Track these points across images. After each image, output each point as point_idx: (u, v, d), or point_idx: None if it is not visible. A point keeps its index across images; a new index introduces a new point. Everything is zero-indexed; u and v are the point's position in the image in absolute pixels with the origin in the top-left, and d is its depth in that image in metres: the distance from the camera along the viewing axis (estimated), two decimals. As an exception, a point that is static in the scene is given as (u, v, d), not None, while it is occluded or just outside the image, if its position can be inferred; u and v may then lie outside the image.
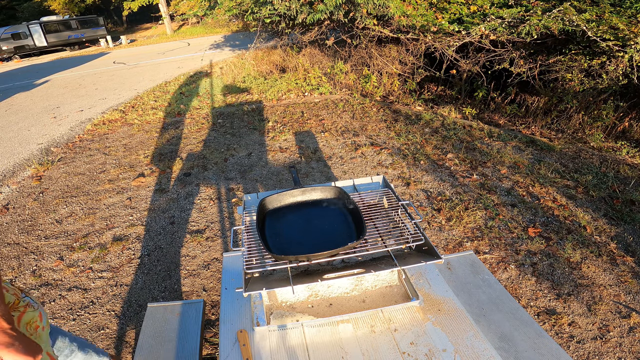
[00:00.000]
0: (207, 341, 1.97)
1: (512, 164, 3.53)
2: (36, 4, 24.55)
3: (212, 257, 2.64)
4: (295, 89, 6.32)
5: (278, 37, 7.46)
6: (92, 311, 2.29)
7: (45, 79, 10.82)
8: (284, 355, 0.80)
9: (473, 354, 0.78)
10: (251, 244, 0.93)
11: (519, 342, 0.83)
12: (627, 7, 3.37)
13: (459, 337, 0.82)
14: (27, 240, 3.05)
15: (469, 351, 0.79)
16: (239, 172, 3.83)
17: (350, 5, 5.11)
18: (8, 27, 18.46)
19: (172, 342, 1.14)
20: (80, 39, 21.04)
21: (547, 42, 4.24)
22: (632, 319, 1.97)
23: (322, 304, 0.94)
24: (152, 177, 3.88)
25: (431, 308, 0.91)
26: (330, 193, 1.09)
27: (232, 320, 0.91)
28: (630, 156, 3.59)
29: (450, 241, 2.61)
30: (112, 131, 5.46)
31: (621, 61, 3.37)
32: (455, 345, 0.80)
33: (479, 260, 1.14)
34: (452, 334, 0.83)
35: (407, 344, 0.81)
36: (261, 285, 0.85)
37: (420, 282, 1.00)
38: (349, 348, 0.81)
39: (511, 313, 0.91)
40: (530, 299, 2.13)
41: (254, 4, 5.42)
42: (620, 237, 2.54)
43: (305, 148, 4.22)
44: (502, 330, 0.85)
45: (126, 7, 20.49)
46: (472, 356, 0.78)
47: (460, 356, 0.78)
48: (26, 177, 4.21)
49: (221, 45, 13.30)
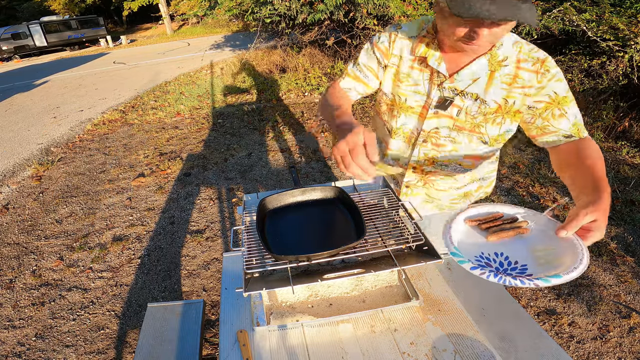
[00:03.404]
0: (207, 341, 1.97)
1: (512, 164, 3.53)
2: (36, 4, 24.56)
3: (212, 257, 2.65)
4: (295, 89, 6.32)
5: (278, 37, 7.47)
6: (92, 311, 2.29)
7: (45, 79, 10.82)
8: (284, 355, 0.80)
9: (473, 354, 0.78)
10: (251, 244, 0.93)
11: (519, 342, 0.83)
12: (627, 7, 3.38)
13: (459, 337, 0.82)
14: (27, 240, 3.05)
15: (469, 351, 0.79)
16: (239, 172, 3.83)
17: (350, 5, 5.11)
18: (8, 27, 18.47)
19: (172, 342, 1.14)
20: (80, 39, 21.05)
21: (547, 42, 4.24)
22: (632, 319, 1.97)
23: (322, 304, 0.94)
24: (152, 177, 3.88)
25: (431, 308, 0.91)
26: (330, 193, 1.09)
27: (232, 320, 0.91)
28: (630, 156, 3.59)
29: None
30: (112, 131, 5.46)
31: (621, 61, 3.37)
32: (455, 345, 0.80)
33: (479, 260, 1.14)
34: (452, 334, 0.83)
35: (407, 344, 0.81)
36: (261, 285, 0.85)
37: (420, 282, 1.00)
38: (349, 348, 0.81)
39: (511, 313, 0.91)
40: (530, 299, 2.13)
41: (254, 4, 5.42)
42: (620, 237, 2.54)
43: (305, 148, 4.22)
44: (502, 330, 0.85)
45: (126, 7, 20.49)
46: (472, 356, 0.78)
47: (460, 356, 0.78)
48: (26, 177, 4.21)
49: (221, 45, 13.31)
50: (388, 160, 1.31)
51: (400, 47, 1.09)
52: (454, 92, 1.04)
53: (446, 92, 1.05)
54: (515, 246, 0.83)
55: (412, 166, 1.23)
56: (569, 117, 0.96)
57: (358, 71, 1.14)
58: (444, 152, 1.15)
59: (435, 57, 1.02)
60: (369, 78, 1.13)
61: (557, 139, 0.98)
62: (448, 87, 1.04)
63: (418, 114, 1.12)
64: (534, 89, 0.97)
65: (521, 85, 0.98)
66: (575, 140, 0.97)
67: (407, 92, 1.11)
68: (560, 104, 0.95)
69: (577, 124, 0.97)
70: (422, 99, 1.10)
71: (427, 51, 1.03)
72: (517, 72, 0.97)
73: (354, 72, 1.14)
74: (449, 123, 1.09)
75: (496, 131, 1.07)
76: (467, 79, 1.01)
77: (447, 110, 1.07)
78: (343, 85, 1.15)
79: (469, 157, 1.16)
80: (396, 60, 1.11)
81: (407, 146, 1.20)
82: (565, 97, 0.96)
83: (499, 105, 1.02)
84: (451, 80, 1.03)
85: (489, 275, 0.73)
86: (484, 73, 1.00)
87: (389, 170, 1.33)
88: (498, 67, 0.98)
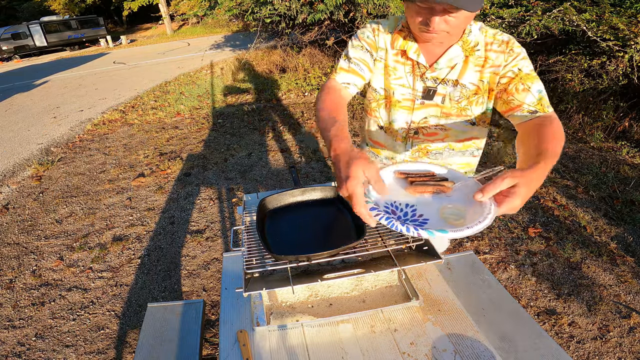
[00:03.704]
0: (207, 341, 1.97)
1: (512, 164, 3.53)
2: (36, 4, 24.55)
3: (212, 257, 2.65)
4: (295, 89, 6.32)
5: (278, 37, 7.46)
6: (92, 311, 2.29)
7: (45, 79, 10.82)
8: (284, 355, 0.80)
9: (473, 354, 0.78)
10: (251, 244, 0.93)
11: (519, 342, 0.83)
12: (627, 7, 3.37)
13: (459, 337, 0.82)
14: (27, 240, 3.05)
15: (469, 351, 0.79)
16: (239, 172, 3.83)
17: (350, 5, 5.11)
18: (8, 27, 18.48)
19: (172, 342, 1.14)
20: (80, 39, 21.05)
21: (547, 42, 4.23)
22: (632, 319, 1.97)
23: (322, 304, 0.94)
24: (152, 177, 3.88)
25: (431, 308, 0.91)
26: (330, 193, 1.10)
27: (232, 320, 0.91)
28: (630, 156, 3.59)
29: (450, 241, 2.61)
30: (112, 131, 5.46)
31: (621, 61, 3.37)
32: (455, 345, 0.80)
33: (479, 260, 1.14)
34: (452, 334, 0.83)
35: (407, 344, 0.81)
36: (261, 285, 0.85)
37: (420, 282, 1.00)
38: (349, 348, 0.81)
39: (511, 313, 0.91)
40: (530, 299, 2.13)
41: (254, 4, 5.42)
42: (620, 237, 2.54)
43: (305, 148, 4.22)
44: (502, 330, 0.85)
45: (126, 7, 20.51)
46: (472, 356, 0.78)
47: (460, 356, 0.78)
48: (26, 177, 4.21)
49: (221, 46, 13.31)
50: (383, 160, 1.33)
51: (384, 40, 1.13)
52: (436, 81, 1.10)
53: (429, 82, 1.10)
54: (429, 202, 0.84)
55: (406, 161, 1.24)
56: (532, 92, 0.98)
57: (354, 65, 1.13)
58: (437, 141, 1.20)
59: (414, 49, 1.08)
60: (364, 71, 1.14)
61: (523, 114, 1.00)
62: (430, 77, 1.10)
63: (406, 107, 1.17)
64: (501, 67, 1.03)
65: (491, 65, 1.04)
66: (540, 117, 0.97)
67: (394, 86, 1.15)
68: (523, 80, 0.99)
69: (542, 100, 0.99)
70: (408, 92, 1.14)
71: (405, 44, 1.09)
72: (486, 55, 1.04)
73: (349, 66, 1.13)
74: (436, 112, 1.14)
75: (480, 110, 1.13)
76: (445, 67, 1.07)
77: (433, 99, 1.12)
78: (340, 79, 1.13)
79: (461, 140, 1.21)
80: (383, 54, 1.14)
81: (400, 143, 1.24)
82: (529, 74, 1.00)
83: (477, 87, 1.08)
84: (432, 69, 1.08)
85: (382, 217, 0.73)
86: (460, 59, 1.05)
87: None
88: (472, 52, 1.04)
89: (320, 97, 1.07)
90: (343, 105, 1.07)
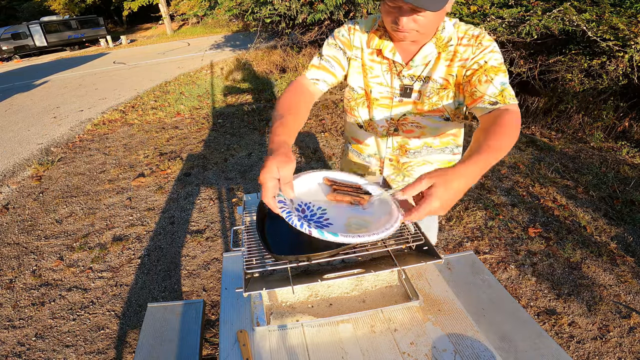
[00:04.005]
0: (207, 341, 1.97)
1: (512, 164, 3.53)
2: (36, 4, 24.55)
3: (212, 257, 2.65)
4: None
5: (278, 37, 7.47)
6: (92, 311, 2.29)
7: (45, 79, 10.82)
8: (284, 355, 0.80)
9: (473, 354, 0.78)
10: (251, 244, 0.93)
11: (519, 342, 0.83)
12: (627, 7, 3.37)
13: (459, 337, 0.82)
14: (27, 240, 3.05)
15: (469, 351, 0.79)
16: (239, 172, 3.83)
17: (350, 5, 5.11)
18: (8, 27, 18.48)
19: (172, 342, 1.14)
20: (80, 39, 21.05)
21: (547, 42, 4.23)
22: (632, 319, 1.97)
23: (322, 304, 0.94)
24: (152, 177, 3.88)
25: (431, 308, 0.91)
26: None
27: (232, 320, 0.91)
28: (630, 156, 3.59)
29: (450, 241, 2.61)
30: (112, 131, 5.46)
31: (621, 61, 3.37)
32: (455, 345, 0.80)
33: (479, 260, 1.14)
34: (452, 334, 0.83)
35: (407, 344, 0.81)
36: (261, 285, 0.85)
37: (420, 282, 1.00)
38: (349, 348, 0.81)
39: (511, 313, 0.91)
40: (530, 299, 2.13)
41: (254, 4, 5.42)
42: (620, 237, 2.54)
43: (305, 148, 4.22)
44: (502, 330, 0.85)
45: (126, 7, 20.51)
46: (472, 356, 0.78)
47: (460, 356, 0.78)
48: (26, 177, 4.21)
49: (221, 46, 13.31)
50: (365, 158, 1.35)
51: (360, 39, 1.15)
52: (413, 78, 1.12)
53: (406, 80, 1.12)
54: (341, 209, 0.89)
55: (388, 159, 1.28)
56: (495, 84, 0.98)
57: (325, 62, 1.16)
58: (414, 139, 1.22)
59: (389, 48, 1.10)
60: (336, 68, 1.17)
61: (484, 106, 0.99)
62: (407, 75, 1.12)
63: (385, 105, 1.19)
64: (469, 60, 1.03)
65: (459, 59, 1.05)
66: (499, 109, 0.96)
67: (372, 84, 1.17)
68: (487, 72, 0.99)
69: (504, 91, 0.98)
70: (386, 90, 1.16)
71: (381, 43, 1.11)
72: (456, 49, 1.05)
73: (320, 63, 1.17)
74: (412, 109, 1.16)
75: (453, 106, 1.13)
76: (421, 65, 1.09)
77: (411, 97, 1.14)
78: (310, 76, 1.16)
79: (437, 137, 1.22)
80: (359, 53, 1.16)
81: (381, 140, 1.26)
82: (495, 67, 1.00)
83: (446, 81, 1.09)
84: (408, 67, 1.10)
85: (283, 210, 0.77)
86: (433, 56, 1.07)
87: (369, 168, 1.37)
88: (445, 48, 1.06)
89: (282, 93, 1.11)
90: (303, 101, 1.09)
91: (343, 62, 1.17)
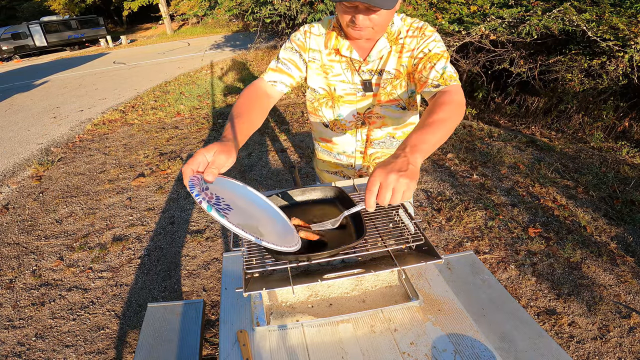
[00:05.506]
0: (207, 341, 1.97)
1: (512, 164, 3.53)
2: (36, 4, 24.55)
3: (212, 257, 2.65)
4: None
5: (278, 37, 7.46)
6: (92, 311, 2.29)
7: (45, 79, 10.83)
8: (284, 355, 0.80)
9: (473, 354, 0.78)
10: (251, 244, 0.93)
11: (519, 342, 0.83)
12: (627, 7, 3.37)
13: (459, 337, 0.82)
14: (27, 240, 3.05)
15: (469, 351, 0.79)
16: (239, 172, 3.83)
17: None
18: (8, 27, 18.47)
19: (172, 342, 1.14)
20: (80, 39, 21.05)
21: (547, 42, 4.23)
22: (632, 319, 1.97)
23: (322, 304, 0.94)
24: (152, 177, 3.88)
25: (431, 308, 0.91)
26: (330, 193, 1.10)
27: (232, 320, 0.90)
28: (630, 156, 3.59)
29: (450, 241, 2.61)
30: (112, 131, 5.46)
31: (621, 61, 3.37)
32: (455, 345, 0.80)
33: (479, 260, 1.14)
34: (452, 334, 0.83)
35: (407, 344, 0.81)
36: (261, 285, 0.85)
37: (420, 282, 1.00)
38: (348, 348, 0.81)
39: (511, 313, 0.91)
40: (530, 299, 2.13)
41: (254, 4, 5.42)
42: (620, 237, 2.54)
43: (305, 148, 4.22)
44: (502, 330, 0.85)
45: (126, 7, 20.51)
46: (472, 356, 0.78)
47: (460, 356, 0.78)
48: (26, 177, 4.21)
49: (221, 45, 13.31)
50: (336, 156, 1.38)
51: (316, 41, 1.21)
52: (371, 73, 1.19)
53: (365, 75, 1.19)
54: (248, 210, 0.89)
55: (359, 151, 1.33)
56: (436, 69, 1.05)
57: (281, 64, 1.21)
58: (376, 129, 1.28)
59: (346, 46, 1.16)
60: (292, 70, 1.21)
61: (429, 90, 1.06)
62: (366, 70, 1.18)
63: (350, 101, 1.24)
64: (415, 50, 1.11)
65: (407, 50, 1.13)
66: (441, 91, 1.01)
67: (334, 83, 1.23)
68: (431, 59, 1.06)
69: (444, 74, 1.04)
70: (349, 87, 1.22)
71: (337, 42, 1.17)
72: (404, 41, 1.13)
73: (277, 66, 1.21)
74: (373, 101, 1.23)
75: (407, 94, 1.20)
76: (376, 59, 1.16)
77: (372, 90, 1.21)
78: (268, 78, 1.21)
79: (398, 128, 1.29)
80: (317, 55, 1.21)
81: (349, 136, 1.30)
82: (438, 54, 1.07)
83: (398, 71, 1.16)
84: (366, 63, 1.17)
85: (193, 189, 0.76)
86: (387, 50, 1.15)
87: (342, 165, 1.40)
88: (396, 42, 1.13)
89: (239, 97, 1.14)
90: (258, 105, 1.13)
91: (300, 64, 1.22)
